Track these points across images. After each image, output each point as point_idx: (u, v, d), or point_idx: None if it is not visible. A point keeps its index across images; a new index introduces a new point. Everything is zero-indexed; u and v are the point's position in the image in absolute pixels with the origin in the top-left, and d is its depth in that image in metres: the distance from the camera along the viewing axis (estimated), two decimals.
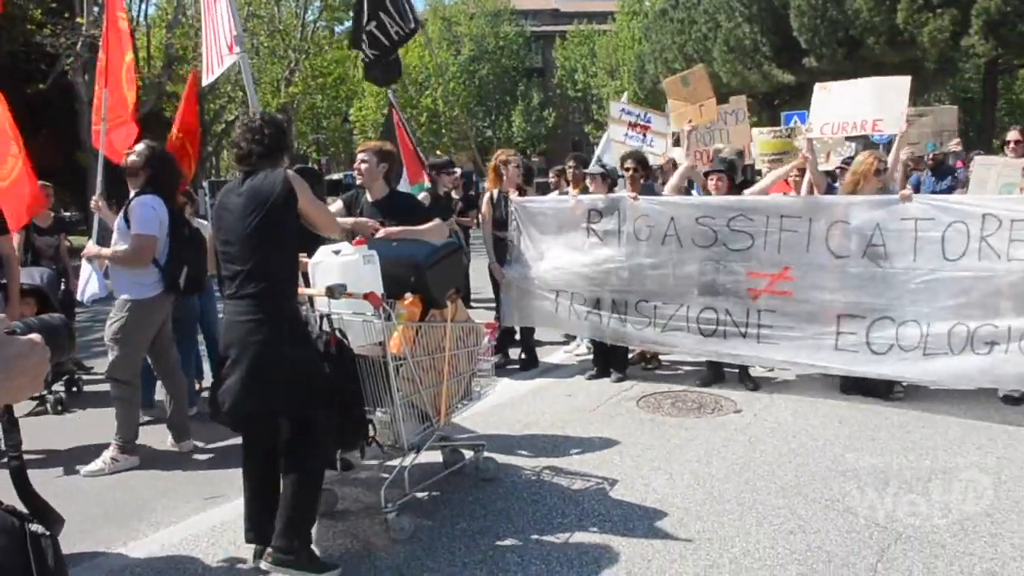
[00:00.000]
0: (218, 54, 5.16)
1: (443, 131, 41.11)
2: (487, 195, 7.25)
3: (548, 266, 6.76)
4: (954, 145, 8.18)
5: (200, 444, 5.42)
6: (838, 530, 3.77)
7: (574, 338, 7.98)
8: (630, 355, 6.98)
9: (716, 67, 24.46)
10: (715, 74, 22.36)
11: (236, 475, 4.77)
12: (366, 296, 3.66)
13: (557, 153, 36.55)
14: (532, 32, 52.00)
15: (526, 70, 50.30)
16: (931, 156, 8.51)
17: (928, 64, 22.19)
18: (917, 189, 7.14)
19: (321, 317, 3.88)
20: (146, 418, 5.75)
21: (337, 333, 3.82)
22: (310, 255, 3.99)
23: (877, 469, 4.51)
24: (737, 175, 6.86)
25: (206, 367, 6.87)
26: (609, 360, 6.76)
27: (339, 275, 3.76)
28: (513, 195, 6.92)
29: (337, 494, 4.26)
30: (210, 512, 4.30)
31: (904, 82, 6.02)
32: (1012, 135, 7.01)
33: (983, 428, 5.15)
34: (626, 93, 12.25)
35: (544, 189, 8.07)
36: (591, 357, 7.07)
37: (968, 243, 5.23)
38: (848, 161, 6.76)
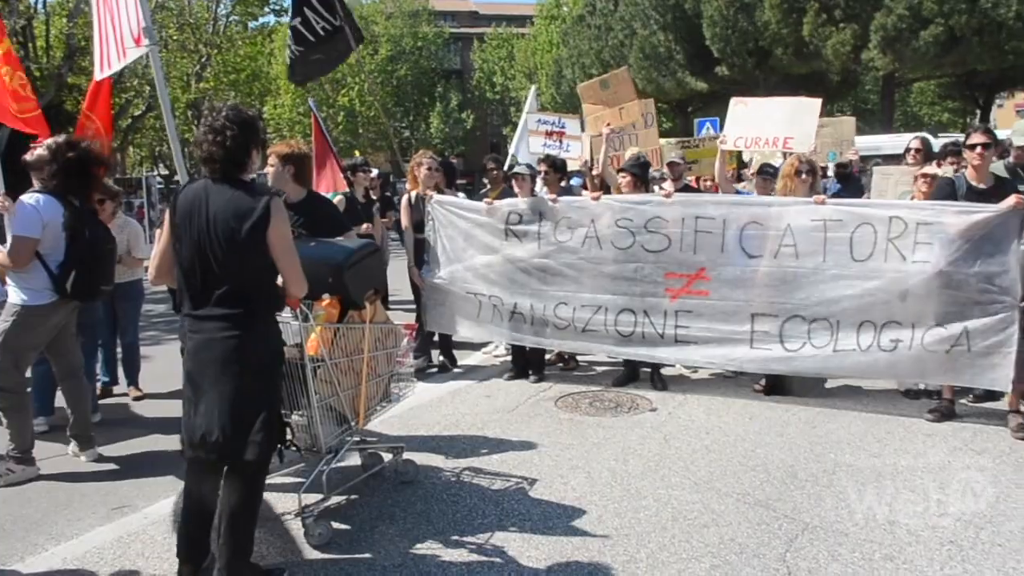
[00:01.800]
0: (118, 47, 4.87)
1: (360, 131, 40.57)
2: (406, 196, 7.15)
3: (467, 267, 6.70)
4: (852, 154, 8.58)
5: (105, 453, 5.19)
6: (749, 522, 3.90)
7: None
8: (548, 356, 7.04)
9: (632, 73, 24.88)
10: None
11: (144, 484, 4.64)
12: None
13: (475, 155, 36.61)
14: (451, 33, 51.84)
15: (444, 71, 50.11)
16: (835, 165, 8.86)
17: (832, 76, 23.21)
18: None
19: None
20: (45, 427, 5.49)
21: None
22: None
23: (785, 463, 4.69)
24: (648, 175, 6.98)
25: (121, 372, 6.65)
26: (527, 361, 6.80)
27: None
28: (432, 195, 6.84)
29: None
30: (117, 523, 4.11)
31: (816, 104, 6.26)
32: (914, 144, 7.14)
33: (883, 422, 5.41)
34: (533, 88, 12.27)
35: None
36: (509, 358, 7.10)
37: (876, 244, 5.46)
38: (763, 170, 6.97)
